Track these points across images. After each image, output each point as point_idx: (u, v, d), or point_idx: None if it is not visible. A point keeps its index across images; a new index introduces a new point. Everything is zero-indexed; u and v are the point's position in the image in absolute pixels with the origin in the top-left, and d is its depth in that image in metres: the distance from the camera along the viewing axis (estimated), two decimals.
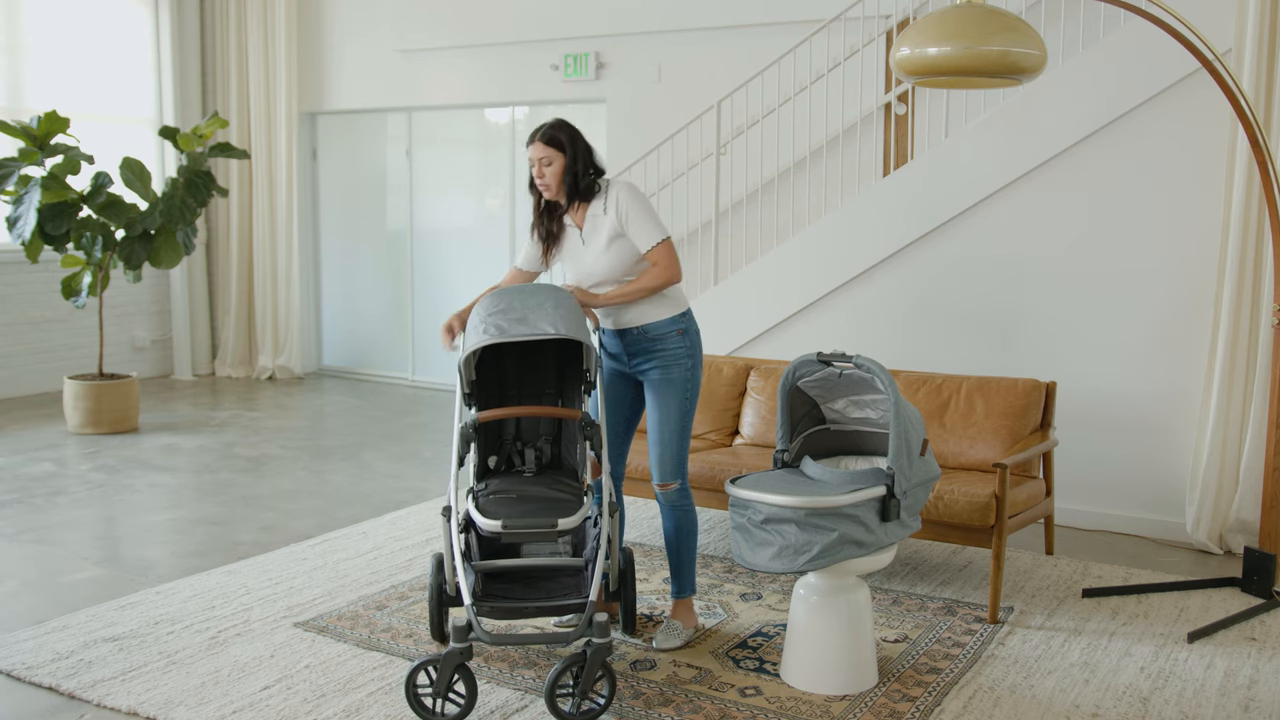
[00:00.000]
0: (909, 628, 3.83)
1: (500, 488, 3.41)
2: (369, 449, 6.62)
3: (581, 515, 3.17)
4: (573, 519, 3.14)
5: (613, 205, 3.51)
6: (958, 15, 3.66)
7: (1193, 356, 4.85)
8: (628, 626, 3.69)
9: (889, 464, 3.24)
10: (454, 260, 8.67)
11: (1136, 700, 3.30)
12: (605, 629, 3.07)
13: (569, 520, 3.14)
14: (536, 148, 3.51)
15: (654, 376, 3.60)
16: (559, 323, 3.29)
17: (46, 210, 6.64)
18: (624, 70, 7.39)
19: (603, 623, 3.06)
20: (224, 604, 4.00)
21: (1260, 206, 4.53)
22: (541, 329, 3.27)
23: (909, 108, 6.08)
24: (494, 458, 3.66)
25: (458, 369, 3.41)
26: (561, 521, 3.13)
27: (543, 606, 3.20)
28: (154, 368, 9.03)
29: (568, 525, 3.14)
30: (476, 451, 3.55)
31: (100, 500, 5.44)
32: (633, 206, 3.49)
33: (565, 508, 3.23)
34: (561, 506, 3.25)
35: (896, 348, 5.32)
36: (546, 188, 3.53)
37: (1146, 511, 5.00)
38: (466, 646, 3.06)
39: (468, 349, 3.34)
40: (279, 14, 8.67)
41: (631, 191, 3.52)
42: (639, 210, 3.49)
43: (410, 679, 3.07)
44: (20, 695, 3.29)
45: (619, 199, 3.50)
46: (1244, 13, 4.54)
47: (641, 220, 3.49)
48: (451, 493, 3.29)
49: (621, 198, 3.50)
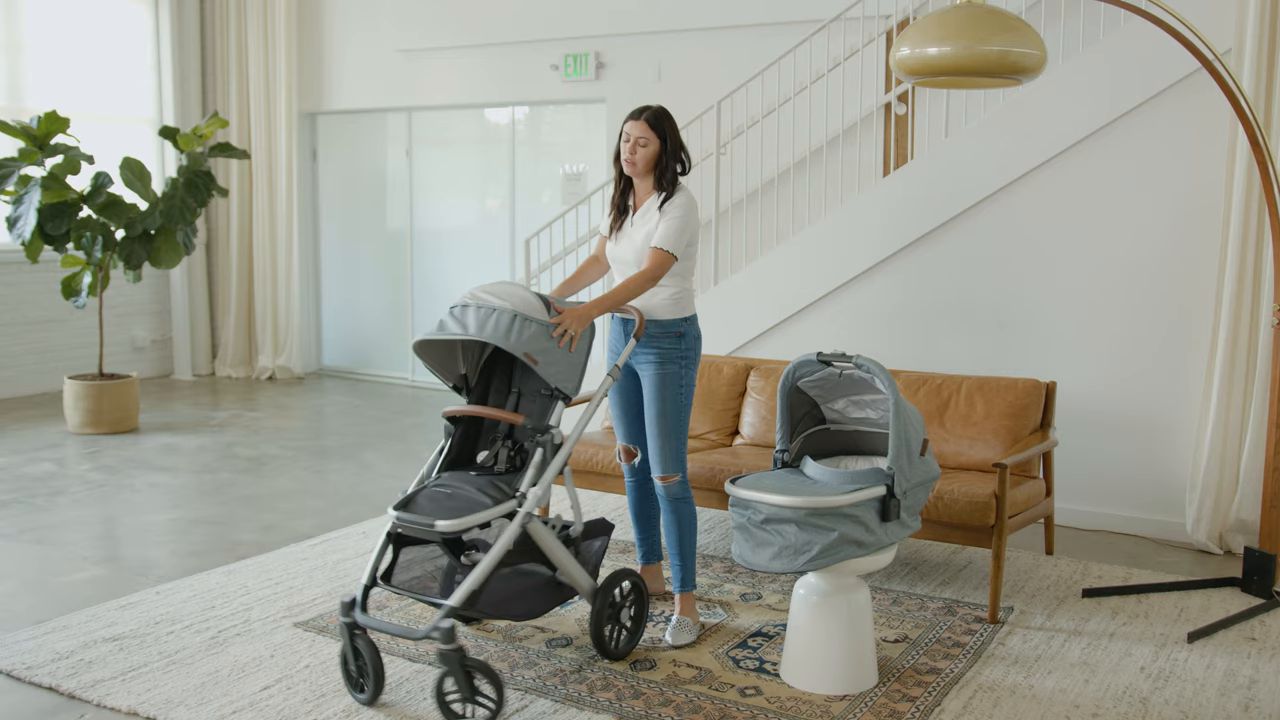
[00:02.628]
0: (909, 628, 3.83)
1: (446, 482, 3.35)
2: (369, 449, 6.62)
3: (470, 521, 3.08)
4: (454, 523, 3.06)
5: (669, 204, 3.63)
6: (958, 15, 3.66)
7: (1193, 356, 4.85)
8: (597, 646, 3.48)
9: (889, 464, 3.24)
10: (454, 260, 8.68)
11: (1136, 700, 3.30)
12: (450, 635, 2.96)
13: (448, 523, 3.06)
14: (639, 125, 3.62)
15: (650, 372, 3.69)
16: (488, 326, 3.27)
17: (46, 210, 6.64)
18: (624, 70, 7.40)
19: (447, 628, 2.96)
20: (224, 604, 4.00)
21: (1260, 206, 4.53)
22: (464, 329, 3.30)
23: (909, 108, 6.08)
24: (484, 453, 3.64)
25: None
26: (439, 523, 3.07)
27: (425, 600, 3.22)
28: (154, 368, 9.03)
29: (445, 528, 3.06)
30: (453, 445, 3.54)
31: (100, 500, 5.44)
32: (677, 210, 3.61)
33: (463, 510, 3.14)
34: (464, 508, 3.15)
35: (897, 348, 5.33)
36: (632, 164, 3.64)
37: (1146, 511, 5.00)
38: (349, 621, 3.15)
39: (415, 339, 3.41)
40: (279, 14, 8.67)
41: (688, 201, 3.65)
42: (678, 217, 3.60)
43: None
44: (20, 695, 3.29)
45: (676, 200, 3.63)
46: (1244, 13, 4.54)
47: (672, 225, 3.59)
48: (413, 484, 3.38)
49: (677, 200, 3.63)
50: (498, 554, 3.13)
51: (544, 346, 3.31)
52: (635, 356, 3.74)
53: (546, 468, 3.31)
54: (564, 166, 8.11)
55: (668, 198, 3.65)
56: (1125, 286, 4.97)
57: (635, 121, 3.64)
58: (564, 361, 3.38)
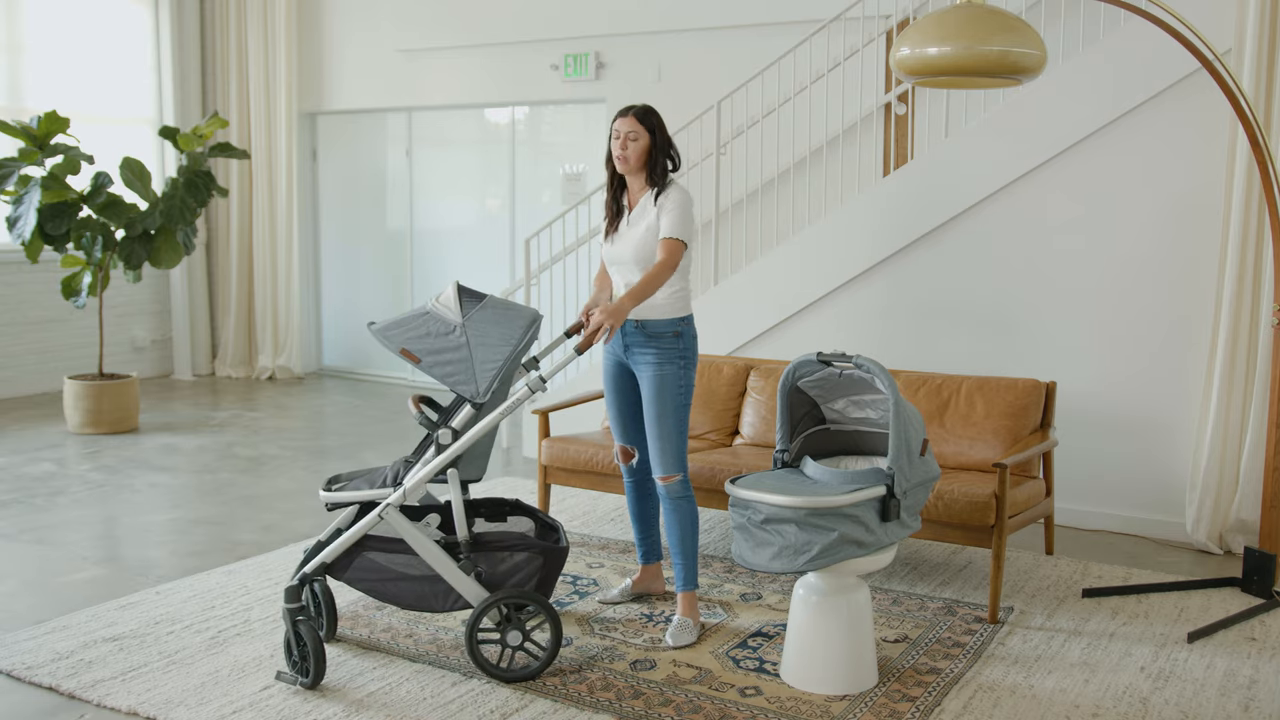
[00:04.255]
0: (909, 628, 3.83)
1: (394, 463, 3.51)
2: (369, 449, 6.62)
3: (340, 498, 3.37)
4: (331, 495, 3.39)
5: (664, 198, 3.66)
6: (958, 15, 3.66)
7: (1193, 356, 4.85)
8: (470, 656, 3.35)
9: (889, 464, 3.24)
10: (454, 260, 8.68)
11: (1136, 700, 3.30)
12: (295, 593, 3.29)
13: (328, 495, 3.40)
14: (628, 121, 3.67)
15: (649, 372, 3.69)
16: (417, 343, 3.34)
17: (46, 210, 6.64)
18: (624, 70, 7.39)
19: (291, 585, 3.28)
20: (224, 604, 4.01)
21: (1260, 206, 4.53)
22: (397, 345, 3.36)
23: (909, 108, 6.08)
24: None
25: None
26: (323, 493, 3.42)
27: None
28: (154, 368, 9.03)
29: (325, 498, 3.40)
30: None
31: (100, 500, 5.44)
32: (675, 201, 3.66)
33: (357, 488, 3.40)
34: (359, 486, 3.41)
35: (896, 348, 5.32)
36: (625, 159, 3.67)
37: (1146, 511, 5.00)
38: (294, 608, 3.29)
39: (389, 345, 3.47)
40: (279, 14, 8.68)
41: (683, 193, 3.70)
42: (678, 205, 3.65)
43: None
44: (20, 695, 3.29)
45: (670, 194, 3.68)
46: (1244, 13, 4.53)
47: (675, 214, 3.64)
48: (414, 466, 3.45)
49: (672, 193, 3.68)
50: (354, 534, 3.33)
51: (435, 347, 3.33)
52: (633, 357, 3.74)
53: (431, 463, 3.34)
54: (564, 166, 8.11)
55: (661, 191, 3.68)
56: (1125, 286, 4.97)
57: (624, 118, 3.69)
58: (458, 364, 3.31)
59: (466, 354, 3.33)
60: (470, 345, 3.34)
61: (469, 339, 3.34)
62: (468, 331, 3.35)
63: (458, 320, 3.36)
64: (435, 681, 3.35)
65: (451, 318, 3.37)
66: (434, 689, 3.30)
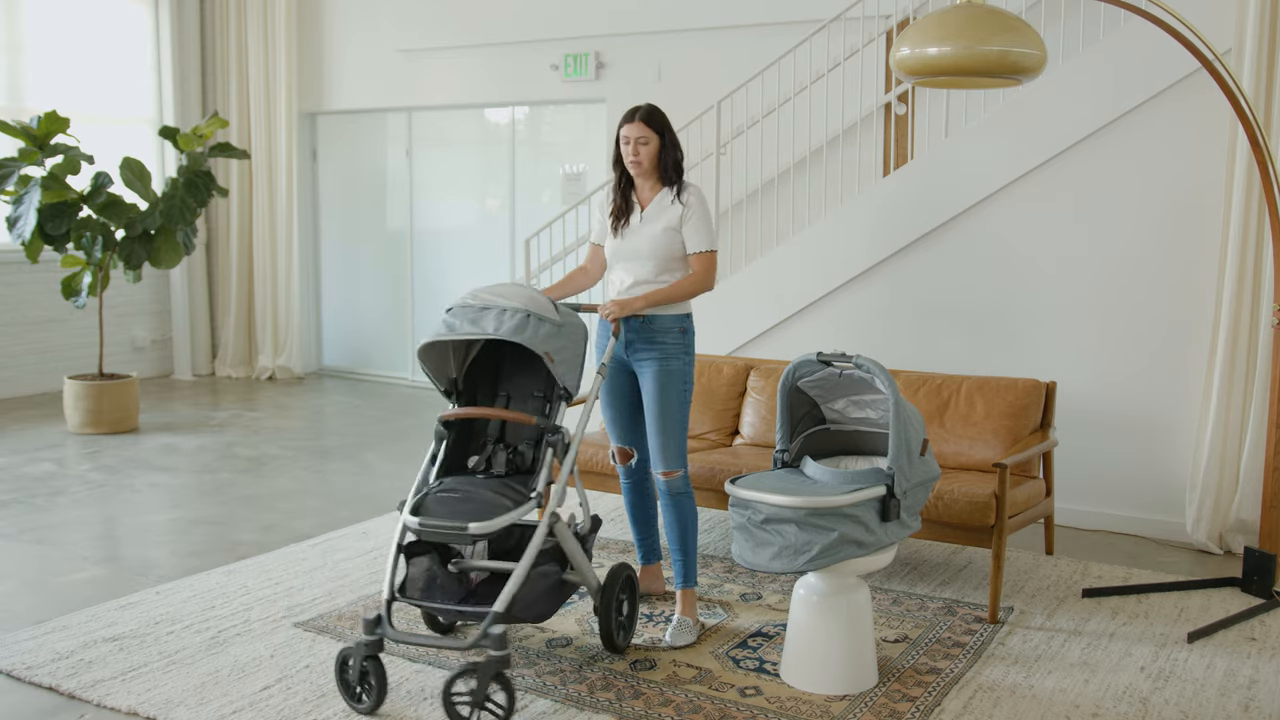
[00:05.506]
0: (909, 628, 3.83)
1: (452, 486, 3.31)
2: (369, 449, 6.62)
3: (503, 522, 3.08)
4: (487, 524, 3.06)
5: (684, 199, 3.71)
6: (958, 15, 3.66)
7: (1193, 356, 4.85)
8: (606, 642, 3.53)
9: (889, 464, 3.24)
10: (454, 260, 8.67)
11: (1136, 700, 3.30)
12: (502, 641, 2.98)
13: (481, 525, 3.05)
14: (636, 126, 3.71)
15: (653, 369, 3.70)
16: (505, 325, 3.27)
17: (46, 210, 6.64)
18: (624, 70, 7.39)
19: (499, 634, 2.97)
20: (224, 604, 4.00)
21: (1260, 206, 4.53)
22: (483, 329, 3.28)
23: (909, 108, 6.08)
24: (475, 457, 3.57)
25: None
26: (473, 526, 3.05)
27: (450, 610, 3.24)
28: (154, 368, 9.03)
29: (479, 530, 3.05)
30: (446, 450, 3.49)
31: (100, 500, 5.44)
32: (699, 209, 3.73)
33: (488, 512, 3.12)
34: (487, 510, 3.13)
35: (896, 347, 5.32)
36: (638, 164, 3.73)
37: (1146, 511, 5.00)
38: (376, 639, 3.10)
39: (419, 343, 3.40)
40: (279, 14, 8.67)
41: (703, 197, 3.78)
42: (702, 215, 3.73)
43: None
44: (20, 695, 3.29)
45: (691, 198, 3.74)
46: (1244, 13, 4.53)
47: (701, 225, 3.73)
48: (413, 490, 3.32)
49: (693, 198, 3.74)
50: (532, 555, 3.15)
51: (558, 345, 3.35)
52: (636, 354, 3.74)
53: (562, 468, 3.34)
54: (564, 166, 8.11)
55: (680, 190, 3.74)
56: (1125, 286, 4.97)
57: (631, 123, 3.72)
58: (573, 361, 3.42)
59: (574, 353, 3.43)
60: (571, 345, 3.42)
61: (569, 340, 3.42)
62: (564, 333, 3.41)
63: (557, 320, 3.39)
64: (435, 682, 3.35)
65: (554, 317, 3.39)
66: (434, 689, 3.30)
